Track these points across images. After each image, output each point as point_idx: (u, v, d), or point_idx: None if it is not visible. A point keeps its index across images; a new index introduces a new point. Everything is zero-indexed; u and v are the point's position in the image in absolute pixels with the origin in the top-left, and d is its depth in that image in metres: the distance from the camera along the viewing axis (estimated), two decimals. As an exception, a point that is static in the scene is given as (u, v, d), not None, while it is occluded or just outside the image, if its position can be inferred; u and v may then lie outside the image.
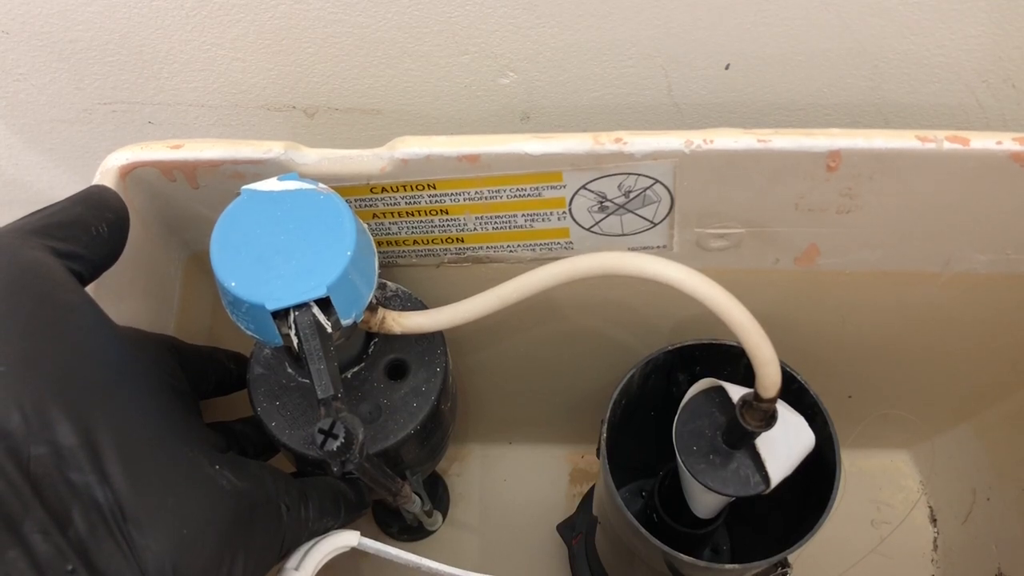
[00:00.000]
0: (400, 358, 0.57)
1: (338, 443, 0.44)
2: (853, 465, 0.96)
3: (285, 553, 0.47)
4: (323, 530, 0.50)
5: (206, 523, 0.39)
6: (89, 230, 0.44)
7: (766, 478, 0.53)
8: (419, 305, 0.59)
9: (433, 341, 0.58)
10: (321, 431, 0.44)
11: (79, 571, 0.34)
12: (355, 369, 0.56)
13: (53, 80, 0.68)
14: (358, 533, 0.50)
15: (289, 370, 0.56)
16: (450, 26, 0.62)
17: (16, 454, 0.34)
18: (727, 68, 0.65)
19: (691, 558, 0.57)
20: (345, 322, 0.46)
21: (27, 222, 0.43)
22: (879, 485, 0.97)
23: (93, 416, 0.36)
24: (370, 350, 0.57)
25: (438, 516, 0.88)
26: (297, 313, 0.44)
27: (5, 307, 0.37)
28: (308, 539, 0.49)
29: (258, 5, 0.61)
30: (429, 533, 0.92)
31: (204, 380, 0.53)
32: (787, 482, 0.54)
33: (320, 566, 0.49)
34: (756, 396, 0.49)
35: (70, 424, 0.35)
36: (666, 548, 0.57)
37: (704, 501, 0.60)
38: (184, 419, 0.43)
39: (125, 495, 0.36)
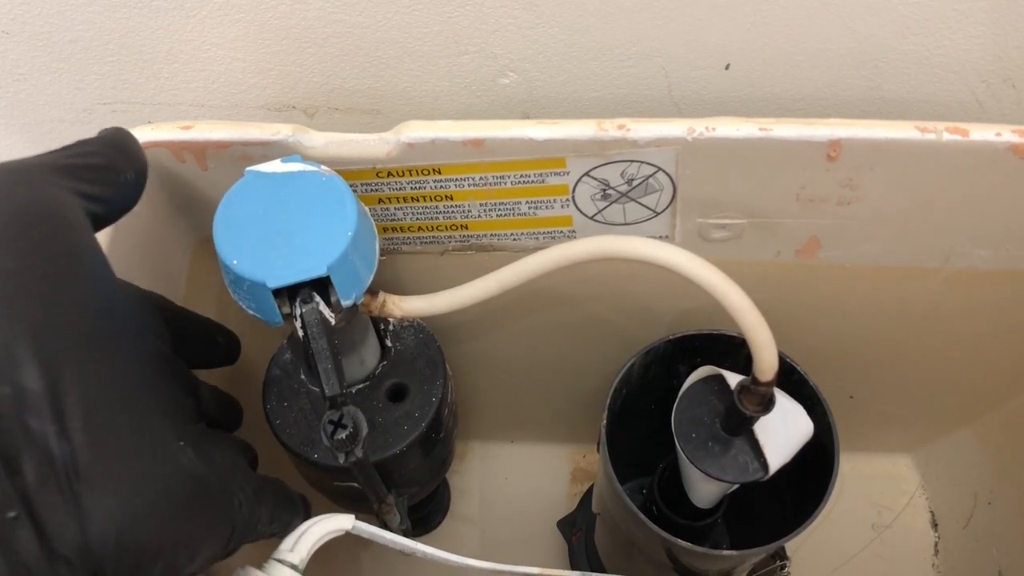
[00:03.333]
0: (402, 382, 0.61)
1: (346, 432, 0.45)
2: (854, 468, 0.95)
3: (232, 550, 0.45)
4: (270, 534, 0.48)
5: (158, 498, 0.38)
6: (119, 175, 0.44)
7: (764, 465, 0.53)
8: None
9: (436, 371, 0.61)
10: (331, 422, 0.46)
11: (22, 519, 0.33)
12: (361, 385, 0.60)
13: (53, 80, 0.68)
14: (352, 517, 0.50)
15: (302, 376, 0.59)
16: (450, 26, 0.62)
17: None
18: (727, 68, 0.65)
19: (689, 544, 0.57)
20: (345, 303, 0.46)
21: (56, 157, 0.42)
22: (880, 489, 0.97)
23: (66, 366, 0.35)
24: (377, 371, 0.60)
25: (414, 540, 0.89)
26: (304, 311, 0.44)
27: (11, 239, 0.37)
28: (254, 540, 0.48)
29: (258, 5, 0.61)
30: (428, 531, 0.92)
31: (186, 347, 0.50)
32: (786, 475, 0.54)
33: (314, 549, 0.48)
34: (754, 380, 0.49)
35: (38, 368, 0.34)
36: (664, 534, 0.57)
37: (703, 489, 0.60)
38: (160, 385, 0.42)
39: (82, 452, 0.35)
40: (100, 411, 0.36)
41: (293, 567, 0.47)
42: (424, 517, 0.90)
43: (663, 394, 0.66)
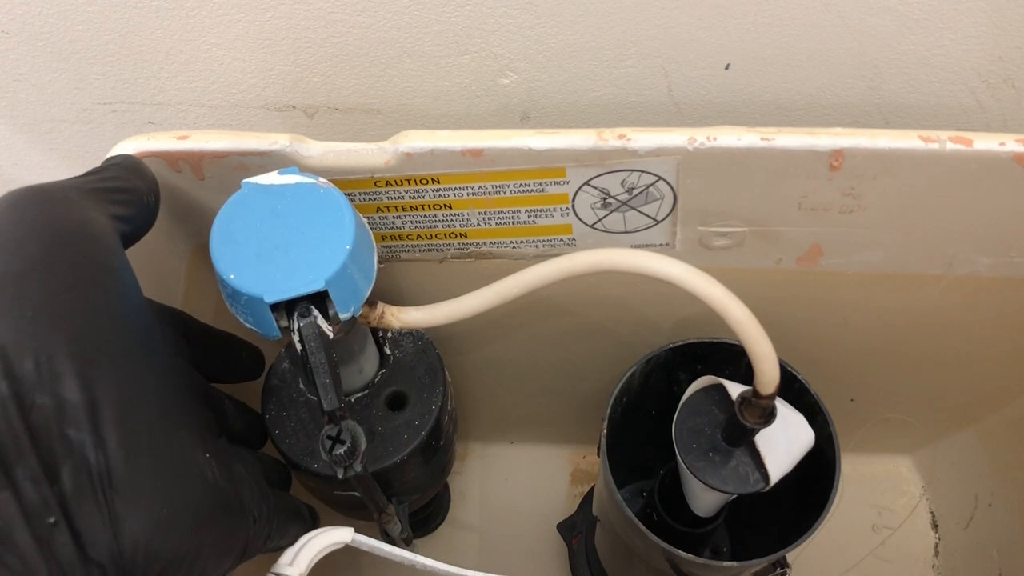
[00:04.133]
0: (401, 391, 0.60)
1: (345, 448, 0.45)
2: (855, 470, 0.95)
3: (237, 563, 0.46)
4: (276, 548, 0.50)
5: (184, 510, 0.39)
6: (142, 199, 0.47)
7: (765, 476, 0.53)
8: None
9: (435, 379, 0.61)
10: (329, 437, 0.45)
11: (60, 525, 0.35)
12: (359, 395, 0.60)
13: (53, 80, 0.68)
14: (351, 530, 0.50)
15: (300, 386, 0.59)
16: (450, 26, 0.62)
17: (21, 400, 0.35)
18: (727, 68, 0.65)
19: (690, 555, 0.57)
20: (343, 316, 0.46)
21: (87, 181, 0.44)
22: (881, 490, 0.97)
23: (102, 379, 0.37)
24: (376, 379, 0.60)
25: (415, 545, 0.89)
26: (302, 325, 0.44)
27: (51, 257, 0.38)
28: (261, 553, 0.48)
29: (258, 5, 0.61)
30: (428, 533, 0.92)
31: (208, 362, 0.53)
32: (787, 483, 0.54)
33: (313, 563, 0.48)
34: (755, 393, 0.49)
35: (78, 381, 0.36)
36: (665, 544, 0.57)
37: (704, 499, 0.60)
38: (185, 400, 0.44)
39: (116, 462, 0.36)
40: (132, 423, 0.38)
41: (292, 581, 0.47)
42: (424, 520, 0.89)
43: (664, 399, 0.66)
